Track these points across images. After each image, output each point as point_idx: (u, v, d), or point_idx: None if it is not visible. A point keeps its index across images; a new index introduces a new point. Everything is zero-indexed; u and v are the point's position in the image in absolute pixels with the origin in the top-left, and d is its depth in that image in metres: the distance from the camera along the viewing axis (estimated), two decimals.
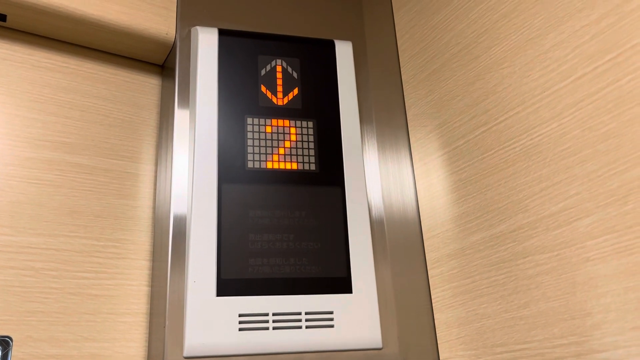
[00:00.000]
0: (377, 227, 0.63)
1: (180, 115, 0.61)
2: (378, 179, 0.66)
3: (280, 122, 0.62)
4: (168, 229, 0.57)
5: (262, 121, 0.62)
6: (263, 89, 0.63)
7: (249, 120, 0.62)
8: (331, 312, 0.57)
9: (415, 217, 0.66)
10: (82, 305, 0.57)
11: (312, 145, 0.63)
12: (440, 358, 0.60)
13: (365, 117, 0.68)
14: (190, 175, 0.59)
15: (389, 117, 0.70)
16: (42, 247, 0.57)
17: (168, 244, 0.56)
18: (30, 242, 0.56)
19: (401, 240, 0.64)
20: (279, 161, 0.61)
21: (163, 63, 0.70)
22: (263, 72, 0.64)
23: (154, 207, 0.64)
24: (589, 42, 0.47)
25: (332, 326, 0.56)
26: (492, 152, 0.56)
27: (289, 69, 0.65)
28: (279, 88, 0.64)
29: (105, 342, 0.57)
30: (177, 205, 0.58)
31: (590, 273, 0.45)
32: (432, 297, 0.62)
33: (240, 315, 0.54)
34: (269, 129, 0.62)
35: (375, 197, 0.65)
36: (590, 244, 0.45)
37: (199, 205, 0.57)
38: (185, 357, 0.52)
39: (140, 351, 0.58)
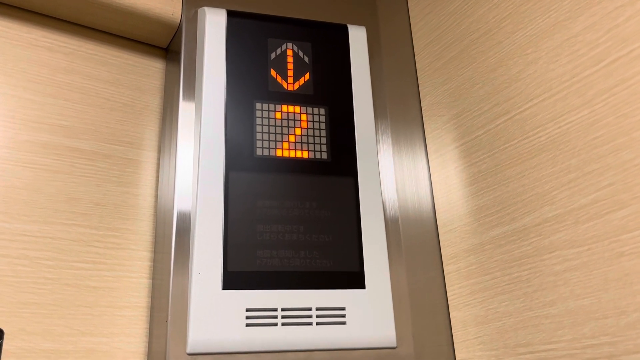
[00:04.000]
0: (391, 220, 0.60)
1: (186, 100, 0.58)
2: (392, 170, 0.63)
3: (291, 108, 0.59)
4: (172, 218, 0.54)
5: (271, 107, 0.59)
6: (273, 73, 0.60)
7: (258, 106, 0.58)
8: (343, 308, 0.53)
9: (430, 211, 0.63)
10: (79, 297, 0.54)
11: (323, 133, 0.60)
12: (457, 358, 0.57)
13: (378, 106, 0.65)
14: (195, 163, 0.55)
15: (403, 106, 0.67)
16: (37, 235, 0.53)
17: (171, 234, 0.53)
18: (25, 229, 0.53)
19: (416, 235, 0.61)
20: (289, 149, 0.58)
21: (167, 46, 0.67)
22: (273, 55, 0.61)
23: (157, 196, 0.61)
24: (624, 24, 0.45)
25: (344, 323, 0.53)
26: (515, 142, 0.53)
27: (300, 53, 0.62)
28: (290, 73, 0.61)
29: (103, 337, 0.53)
30: (182, 194, 0.55)
31: (625, 269, 0.42)
32: (448, 294, 0.59)
33: (247, 310, 0.51)
34: (278, 115, 0.59)
35: (389, 190, 0.62)
36: (625, 237, 0.42)
37: (205, 193, 0.54)
38: (189, 354, 0.49)
39: (140, 347, 0.55)
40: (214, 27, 0.60)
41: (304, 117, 0.59)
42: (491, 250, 0.55)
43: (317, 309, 0.53)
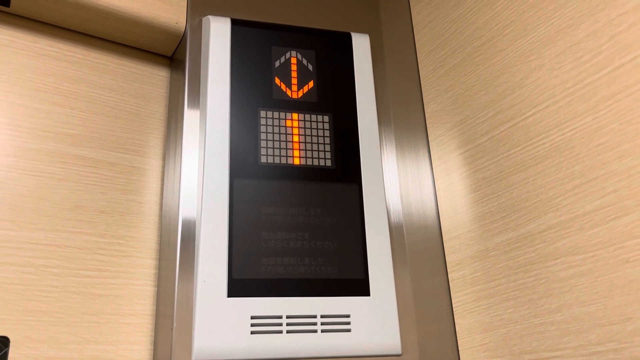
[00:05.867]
0: (395, 227, 0.61)
1: (190, 108, 0.59)
2: (396, 177, 0.63)
3: (295, 115, 0.60)
4: (176, 225, 0.54)
5: (276, 114, 0.59)
6: (277, 81, 0.61)
7: (263, 114, 0.59)
8: (348, 316, 0.53)
9: (434, 218, 0.63)
10: (84, 305, 0.54)
11: (328, 140, 0.60)
12: None
13: (382, 113, 0.65)
14: (200, 170, 0.56)
15: (406, 113, 0.67)
16: (43, 243, 0.54)
17: (176, 241, 0.53)
18: (31, 237, 0.53)
19: (420, 242, 0.61)
20: (293, 156, 0.58)
21: (172, 54, 0.68)
22: (277, 63, 0.61)
23: (161, 203, 0.61)
24: (627, 31, 0.45)
25: (349, 330, 0.53)
26: (519, 149, 0.54)
27: (304, 61, 0.62)
28: (294, 81, 0.61)
29: (107, 345, 0.54)
30: (186, 201, 0.55)
31: (631, 275, 0.42)
32: (453, 301, 0.59)
33: (252, 318, 0.51)
34: (283, 123, 0.59)
35: (393, 197, 0.62)
36: (630, 244, 0.42)
37: (210, 201, 0.54)
38: None
39: (144, 354, 0.55)
40: (218, 35, 0.61)
41: (308, 124, 0.60)
42: (496, 257, 0.55)
43: (322, 317, 0.53)
